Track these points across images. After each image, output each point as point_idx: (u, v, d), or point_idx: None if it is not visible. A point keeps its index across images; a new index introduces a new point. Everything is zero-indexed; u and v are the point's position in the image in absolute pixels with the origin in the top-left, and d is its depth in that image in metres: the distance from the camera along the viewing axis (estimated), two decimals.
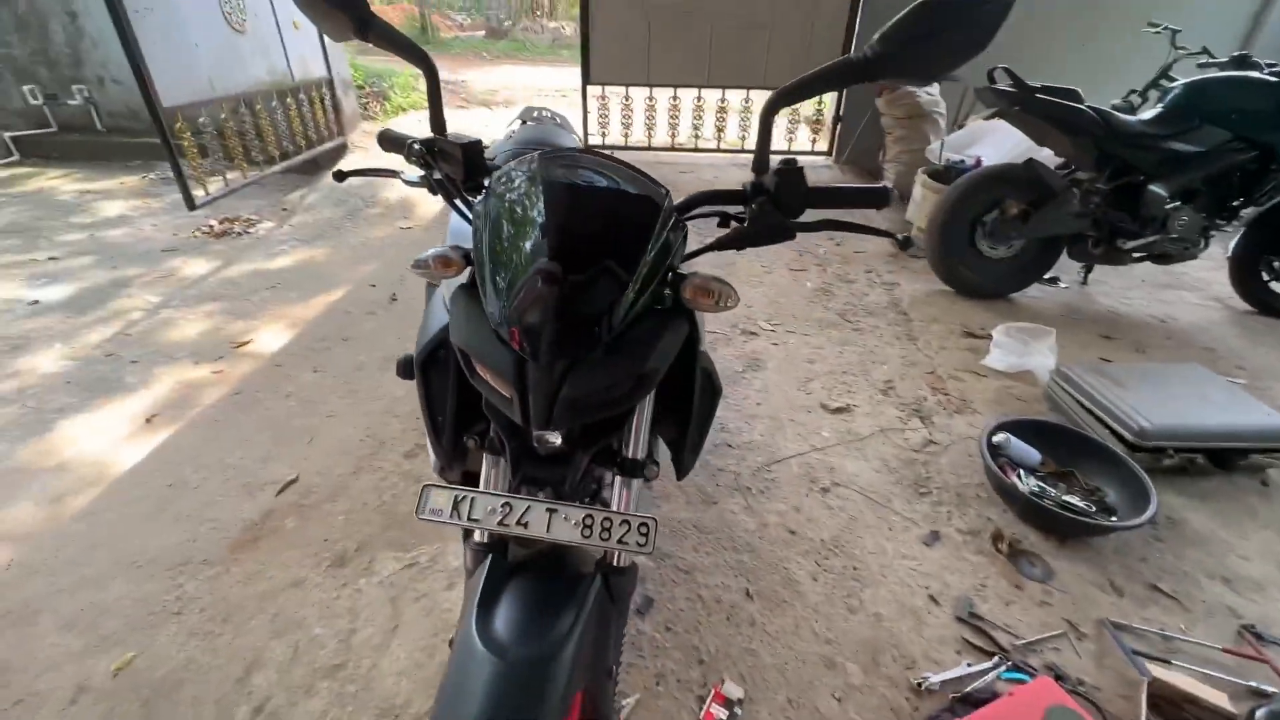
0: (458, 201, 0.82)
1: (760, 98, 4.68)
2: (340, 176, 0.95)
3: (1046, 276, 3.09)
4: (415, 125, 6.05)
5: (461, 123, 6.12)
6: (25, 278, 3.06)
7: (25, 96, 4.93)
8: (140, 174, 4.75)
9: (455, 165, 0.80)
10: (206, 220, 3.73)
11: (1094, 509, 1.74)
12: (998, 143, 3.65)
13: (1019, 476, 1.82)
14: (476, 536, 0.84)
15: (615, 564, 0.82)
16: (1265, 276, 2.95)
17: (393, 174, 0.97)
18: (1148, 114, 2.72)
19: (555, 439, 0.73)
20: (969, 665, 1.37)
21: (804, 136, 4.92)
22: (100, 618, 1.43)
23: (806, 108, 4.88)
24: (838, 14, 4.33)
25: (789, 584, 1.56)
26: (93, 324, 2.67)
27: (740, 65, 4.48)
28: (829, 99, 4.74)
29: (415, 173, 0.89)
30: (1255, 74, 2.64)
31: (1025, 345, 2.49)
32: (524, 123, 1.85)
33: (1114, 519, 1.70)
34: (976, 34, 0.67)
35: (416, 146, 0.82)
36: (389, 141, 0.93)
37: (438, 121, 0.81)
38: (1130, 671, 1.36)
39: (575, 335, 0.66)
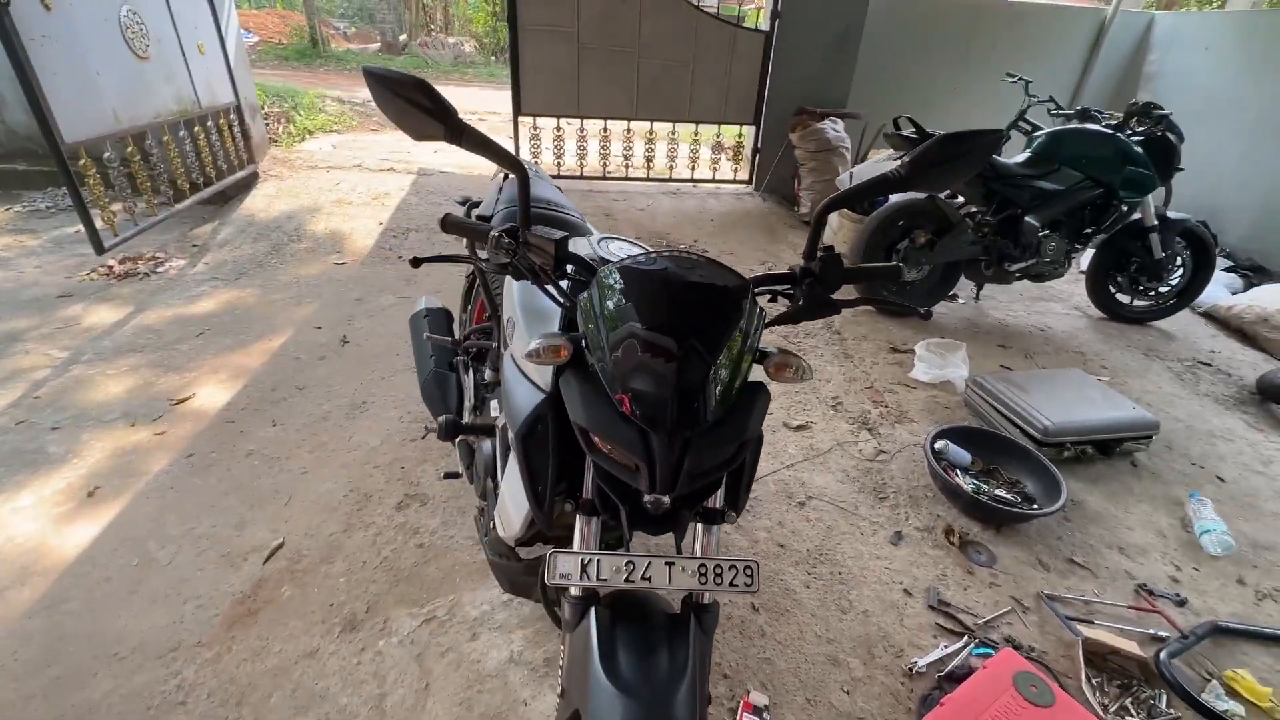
0: (550, 288, 0.90)
1: (685, 129, 4.98)
2: (416, 263, 0.98)
3: (949, 295, 3.54)
4: (329, 150, 5.76)
5: (382, 149, 5.91)
6: None
7: None
8: (2, 206, 4.18)
9: (544, 256, 0.88)
10: (104, 260, 3.37)
11: (1019, 499, 2.07)
12: None
13: (958, 476, 2.12)
14: (573, 591, 0.92)
15: (701, 602, 0.93)
16: (1112, 289, 3.57)
17: (472, 259, 1.03)
18: (1020, 158, 3.23)
19: (667, 500, 0.83)
20: (945, 647, 1.60)
21: (726, 168, 5.24)
22: None
23: (728, 139, 5.22)
24: (752, 55, 4.70)
25: (787, 594, 1.73)
26: None
27: (667, 99, 4.73)
28: (747, 131, 5.10)
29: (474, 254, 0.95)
30: (1094, 126, 3.23)
31: (943, 358, 2.87)
32: (507, 177, 1.91)
33: (1036, 507, 2.03)
34: (975, 159, 0.87)
35: (505, 240, 0.89)
36: (454, 227, 0.99)
37: (525, 217, 0.89)
38: (1066, 634, 1.65)
39: (690, 410, 0.78)
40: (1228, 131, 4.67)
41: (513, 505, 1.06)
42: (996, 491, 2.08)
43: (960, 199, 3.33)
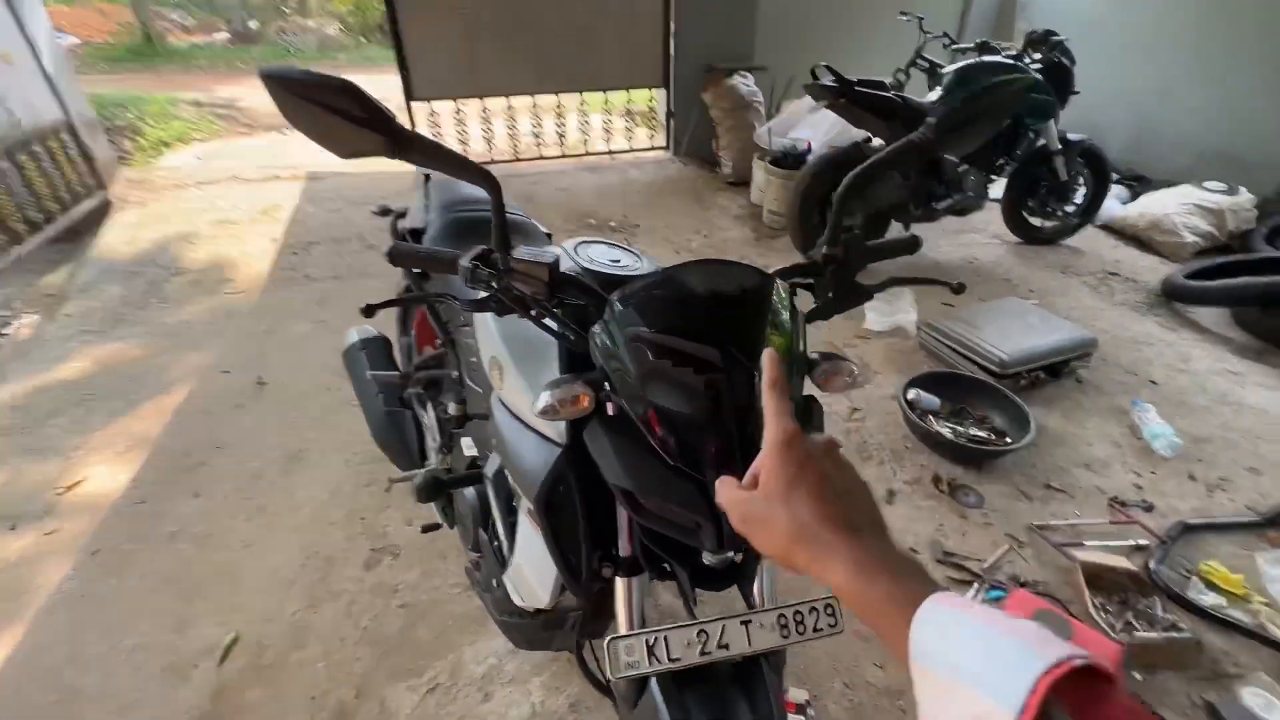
0: (549, 322, 0.74)
1: (595, 99, 4.73)
2: (370, 311, 0.78)
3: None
4: (195, 163, 5.07)
5: (258, 156, 5.27)
6: None
7: None
8: None
9: (535, 285, 0.72)
10: None
11: (991, 435, 2.12)
12: (815, 124, 4.12)
13: (934, 423, 2.15)
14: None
15: None
16: (1025, 214, 3.76)
17: (440, 299, 0.84)
18: (933, 96, 3.27)
19: (733, 553, 0.71)
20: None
21: (643, 136, 5.06)
22: None
23: (639, 104, 5.03)
24: (653, 14, 4.49)
25: (800, 577, 1.69)
26: None
27: (570, 69, 4.46)
28: (658, 95, 4.92)
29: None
30: (996, 58, 3.31)
31: (891, 305, 2.91)
32: (428, 178, 1.67)
33: (1008, 440, 2.10)
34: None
35: (480, 270, 0.71)
36: (406, 258, 0.80)
37: (503, 239, 0.72)
38: (1063, 561, 1.71)
39: (747, 449, 0.66)
40: (1096, 51, 4.95)
41: (534, 576, 0.91)
42: (972, 431, 2.12)
43: (879, 142, 3.35)
